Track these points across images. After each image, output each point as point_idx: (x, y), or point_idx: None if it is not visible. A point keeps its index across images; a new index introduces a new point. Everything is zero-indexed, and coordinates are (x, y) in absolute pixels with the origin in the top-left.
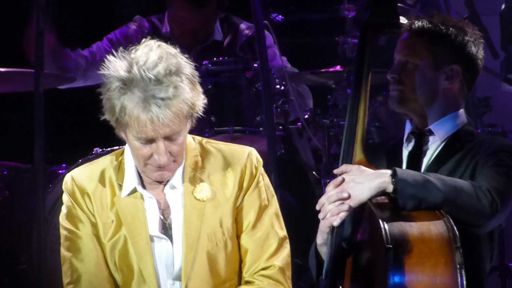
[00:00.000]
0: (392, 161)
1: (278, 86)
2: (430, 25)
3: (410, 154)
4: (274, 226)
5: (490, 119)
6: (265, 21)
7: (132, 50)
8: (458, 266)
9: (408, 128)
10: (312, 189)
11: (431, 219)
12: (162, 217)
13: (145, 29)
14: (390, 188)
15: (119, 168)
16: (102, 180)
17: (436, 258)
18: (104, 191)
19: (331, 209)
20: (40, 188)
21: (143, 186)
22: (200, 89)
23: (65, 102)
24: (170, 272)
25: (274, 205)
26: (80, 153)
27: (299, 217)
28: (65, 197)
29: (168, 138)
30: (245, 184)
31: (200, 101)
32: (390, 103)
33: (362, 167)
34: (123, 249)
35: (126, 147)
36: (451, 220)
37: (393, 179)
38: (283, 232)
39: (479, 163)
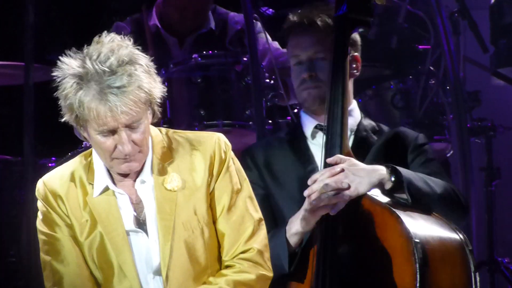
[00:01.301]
0: (301, 156)
1: (267, 80)
2: (328, 19)
3: (326, 148)
4: (248, 209)
5: (479, 113)
6: (255, 15)
7: (84, 47)
8: (473, 269)
9: (310, 122)
10: None
11: (436, 220)
12: (135, 213)
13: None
14: (389, 184)
15: (89, 168)
16: (72, 181)
17: (453, 258)
18: (76, 191)
19: (328, 198)
20: (30, 181)
21: (114, 184)
22: (157, 78)
23: (54, 95)
24: (150, 266)
25: (247, 188)
26: (70, 147)
27: None
28: (39, 204)
29: (129, 126)
30: (215, 170)
31: (157, 89)
32: (309, 101)
33: (355, 160)
34: (100, 246)
35: (95, 153)
36: (452, 224)
37: (392, 176)
38: (258, 214)
39: (408, 157)
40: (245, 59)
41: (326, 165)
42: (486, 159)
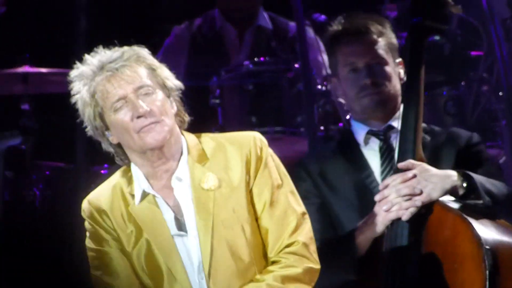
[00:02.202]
0: (355, 163)
1: (319, 87)
2: (378, 25)
3: (382, 152)
4: (291, 203)
5: None
6: (307, 21)
7: None
8: None
9: (362, 129)
10: None
11: (507, 228)
12: (175, 215)
13: (186, 40)
14: (461, 190)
15: (130, 181)
16: (115, 194)
17: None
18: (119, 204)
19: (399, 202)
20: (83, 189)
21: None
22: (167, 68)
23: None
24: (195, 266)
25: (288, 183)
26: None
27: None
28: (86, 223)
29: (140, 94)
30: (252, 168)
31: (168, 73)
32: (372, 107)
33: (427, 166)
34: (148, 253)
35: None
36: None
37: (464, 182)
38: (301, 208)
39: (463, 157)
40: (296, 65)
41: (398, 171)
42: None
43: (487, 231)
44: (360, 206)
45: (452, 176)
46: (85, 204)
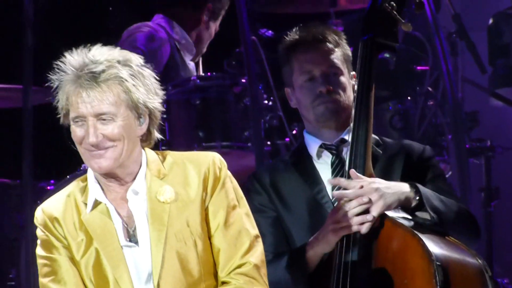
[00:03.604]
0: (308, 178)
1: (266, 101)
2: (334, 35)
3: (334, 166)
4: (245, 225)
5: (477, 134)
6: (253, 37)
7: None
8: None
9: (314, 142)
10: None
11: (456, 245)
12: (126, 226)
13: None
14: (413, 203)
15: (85, 190)
16: (68, 202)
17: (473, 283)
18: (71, 212)
19: (353, 217)
20: (28, 205)
21: (106, 197)
22: (157, 92)
23: (53, 118)
24: (144, 277)
25: (244, 206)
26: (68, 169)
27: None
28: (37, 231)
29: (100, 119)
30: (209, 186)
31: (148, 99)
32: (326, 116)
33: (380, 179)
34: (96, 262)
35: (89, 170)
36: (472, 249)
37: (417, 195)
38: (255, 230)
39: (415, 171)
40: (243, 80)
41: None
42: (484, 179)
43: (438, 247)
44: (311, 221)
45: (404, 187)
46: (38, 212)
